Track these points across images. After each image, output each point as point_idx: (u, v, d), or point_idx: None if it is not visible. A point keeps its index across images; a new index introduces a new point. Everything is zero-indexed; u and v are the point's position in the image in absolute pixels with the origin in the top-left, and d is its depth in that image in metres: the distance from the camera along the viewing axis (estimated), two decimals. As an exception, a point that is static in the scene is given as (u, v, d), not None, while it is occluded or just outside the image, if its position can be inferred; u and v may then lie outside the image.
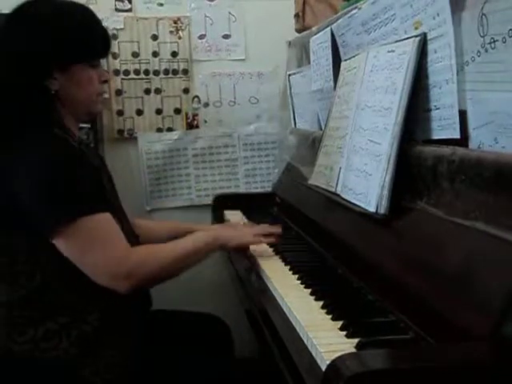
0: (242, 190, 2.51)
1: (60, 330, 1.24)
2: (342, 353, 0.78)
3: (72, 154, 1.26)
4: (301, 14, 2.12)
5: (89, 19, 1.34)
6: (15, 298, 1.25)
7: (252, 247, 1.64)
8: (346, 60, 1.62)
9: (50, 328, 1.24)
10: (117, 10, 2.35)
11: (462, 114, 1.07)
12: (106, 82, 1.42)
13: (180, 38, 2.41)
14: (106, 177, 1.45)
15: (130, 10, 2.37)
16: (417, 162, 1.14)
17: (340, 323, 1.03)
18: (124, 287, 1.25)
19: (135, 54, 2.38)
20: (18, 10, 1.31)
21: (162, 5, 2.40)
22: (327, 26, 1.73)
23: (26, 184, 1.21)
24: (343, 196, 1.40)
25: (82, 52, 1.31)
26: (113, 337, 1.30)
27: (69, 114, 1.34)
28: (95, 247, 1.23)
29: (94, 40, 1.35)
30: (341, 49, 1.66)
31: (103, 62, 1.59)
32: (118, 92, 2.37)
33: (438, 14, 1.12)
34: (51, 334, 1.24)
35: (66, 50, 1.28)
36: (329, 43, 1.72)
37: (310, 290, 1.23)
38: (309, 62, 1.95)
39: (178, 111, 2.44)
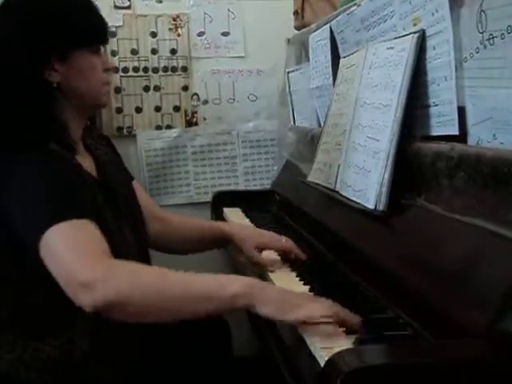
0: (242, 187, 2.50)
1: (48, 351, 1.18)
2: (341, 349, 0.78)
3: (62, 169, 1.18)
4: (300, 11, 2.12)
5: (84, 3, 1.27)
6: (6, 314, 1.21)
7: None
8: (344, 57, 1.62)
9: (38, 348, 1.18)
10: (116, 7, 2.35)
11: (461, 111, 1.07)
12: (109, 70, 1.33)
13: (179, 35, 2.41)
14: (114, 183, 1.35)
15: (128, 7, 2.37)
16: (416, 158, 1.14)
17: (339, 320, 1.03)
18: (86, 301, 1.03)
19: (134, 52, 2.38)
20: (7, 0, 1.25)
21: (160, 2, 2.39)
22: (326, 23, 1.73)
23: (15, 198, 1.14)
24: (342, 193, 1.40)
25: (79, 36, 1.23)
26: (103, 366, 1.22)
27: (74, 112, 1.27)
28: (69, 249, 1.08)
29: (91, 24, 1.27)
30: (340, 46, 1.66)
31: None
32: (117, 89, 2.37)
33: (436, 11, 1.12)
34: (39, 354, 1.18)
35: (61, 36, 1.21)
36: (328, 40, 1.72)
37: (308, 287, 1.23)
38: (308, 60, 1.95)
39: (177, 108, 2.44)
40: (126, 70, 2.38)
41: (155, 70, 2.40)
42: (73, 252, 1.08)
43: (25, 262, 1.16)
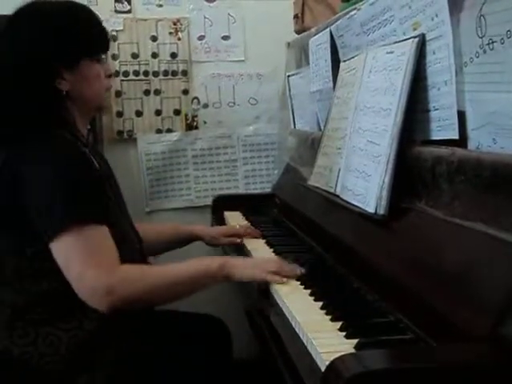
0: (242, 190, 2.51)
1: (60, 335, 1.24)
2: (342, 353, 0.78)
3: (80, 160, 1.26)
4: (300, 15, 2.13)
5: (88, 15, 1.36)
6: (20, 300, 1.25)
7: (250, 245, 1.65)
8: (344, 61, 1.62)
9: (51, 332, 1.24)
10: (116, 11, 2.36)
11: (461, 115, 1.07)
12: (111, 76, 1.45)
13: (179, 39, 2.41)
14: (112, 180, 1.44)
15: (129, 12, 2.38)
16: (416, 162, 1.14)
17: (339, 324, 1.03)
18: (103, 305, 1.19)
19: (135, 55, 2.38)
20: (19, 12, 1.32)
21: (161, 6, 2.40)
22: (326, 27, 1.74)
23: (32, 188, 1.21)
24: (342, 197, 1.40)
25: (86, 47, 1.33)
26: (110, 345, 1.28)
27: (80, 114, 1.36)
28: (82, 257, 1.19)
29: (96, 34, 1.37)
30: (340, 50, 1.67)
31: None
32: (118, 93, 2.37)
33: (436, 15, 1.12)
34: (51, 338, 1.23)
35: (71, 48, 1.30)
36: (328, 44, 1.72)
37: (309, 291, 1.23)
38: (308, 63, 1.96)
39: (177, 112, 2.44)
40: (126, 73, 2.38)
41: (155, 74, 2.40)
42: (87, 260, 1.19)
43: (39, 252, 1.23)
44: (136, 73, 2.39)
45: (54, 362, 1.23)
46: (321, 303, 1.14)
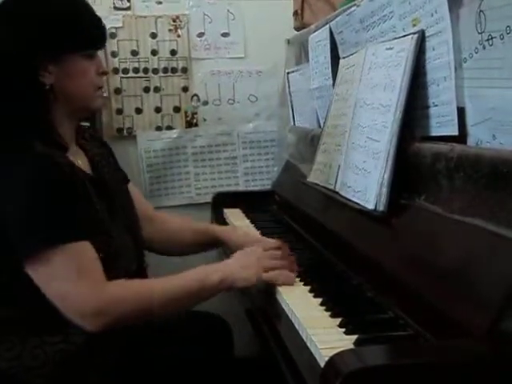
0: (242, 188, 2.50)
1: (46, 349, 1.20)
2: (341, 349, 0.79)
3: (57, 174, 1.16)
4: (299, 11, 2.12)
5: (78, 7, 1.28)
6: (4, 313, 1.21)
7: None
8: (344, 58, 1.62)
9: (37, 346, 1.19)
10: (115, 8, 2.35)
11: (461, 111, 1.07)
12: (104, 74, 1.36)
13: (179, 36, 2.41)
14: (111, 184, 1.37)
15: (128, 9, 2.37)
16: (415, 159, 1.14)
17: (339, 320, 1.03)
18: (92, 326, 1.13)
19: (134, 53, 2.38)
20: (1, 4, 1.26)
21: (160, 3, 2.39)
22: (326, 24, 1.74)
23: (5, 208, 1.15)
24: (342, 193, 1.40)
25: (71, 40, 1.25)
26: (99, 359, 1.24)
27: (64, 113, 1.28)
28: (65, 280, 1.13)
29: (84, 28, 1.28)
30: (339, 46, 1.66)
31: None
32: (117, 90, 2.37)
33: (435, 11, 1.12)
34: (37, 352, 1.19)
35: (53, 39, 1.23)
36: (327, 41, 1.72)
37: (309, 287, 1.23)
38: (307, 60, 1.95)
39: (177, 109, 2.44)
40: (125, 71, 2.38)
41: (155, 71, 2.40)
42: (71, 282, 1.13)
43: (21, 270, 1.16)
44: (135, 70, 2.39)
45: (41, 376, 1.19)
46: (320, 299, 1.15)
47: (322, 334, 0.98)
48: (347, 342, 0.94)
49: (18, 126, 1.21)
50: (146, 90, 2.40)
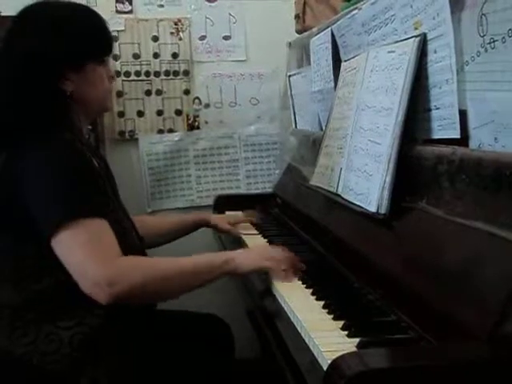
0: (243, 190, 2.51)
1: (61, 334, 1.24)
2: (344, 352, 0.79)
3: (79, 158, 1.26)
4: (301, 14, 2.13)
5: (95, 18, 1.37)
6: (20, 299, 1.25)
7: (251, 244, 1.65)
8: (346, 61, 1.62)
9: (51, 331, 1.23)
10: (117, 11, 2.36)
11: (462, 114, 1.07)
12: (112, 77, 1.46)
13: (180, 39, 2.41)
14: (109, 179, 1.44)
15: (130, 12, 2.38)
16: (417, 161, 1.14)
17: (341, 323, 1.03)
18: (105, 296, 1.18)
19: (136, 56, 2.39)
20: (27, 12, 1.32)
21: (162, 6, 2.40)
22: (327, 27, 1.74)
23: (32, 187, 1.22)
24: (344, 196, 1.40)
25: (93, 50, 1.34)
26: (113, 343, 1.28)
27: (82, 115, 1.37)
28: (83, 250, 1.19)
29: (102, 37, 1.38)
30: (341, 49, 1.67)
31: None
32: (119, 93, 2.38)
33: (437, 14, 1.12)
34: (52, 337, 1.23)
35: (78, 50, 1.31)
36: (329, 44, 1.73)
37: (311, 290, 1.23)
38: (309, 63, 1.96)
39: (178, 112, 2.44)
40: (127, 74, 2.38)
41: (157, 74, 2.41)
42: (88, 252, 1.19)
43: (40, 250, 1.23)
44: (137, 73, 2.39)
45: (56, 361, 1.23)
46: (322, 302, 1.15)
47: (325, 336, 0.98)
48: (350, 344, 0.94)
49: (45, 122, 1.28)
50: (148, 92, 2.41)
